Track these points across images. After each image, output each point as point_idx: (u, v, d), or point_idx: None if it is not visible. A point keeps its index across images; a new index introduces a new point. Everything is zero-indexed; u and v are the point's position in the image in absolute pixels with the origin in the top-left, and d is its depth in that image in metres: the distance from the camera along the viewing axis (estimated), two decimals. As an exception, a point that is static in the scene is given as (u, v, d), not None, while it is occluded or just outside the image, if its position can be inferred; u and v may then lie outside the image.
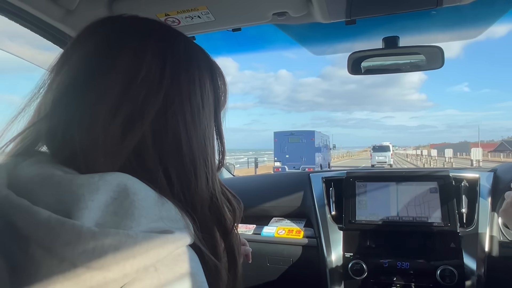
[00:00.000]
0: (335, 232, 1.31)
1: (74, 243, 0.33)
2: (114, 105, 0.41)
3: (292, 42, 1.31)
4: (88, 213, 0.35)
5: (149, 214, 0.38)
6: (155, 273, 0.35)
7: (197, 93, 0.47)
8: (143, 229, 0.37)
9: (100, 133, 0.40)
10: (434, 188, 1.26)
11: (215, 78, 0.52)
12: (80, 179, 0.37)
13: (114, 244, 0.33)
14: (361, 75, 1.28)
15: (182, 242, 0.39)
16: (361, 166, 24.12)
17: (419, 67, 1.23)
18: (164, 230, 0.38)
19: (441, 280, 1.14)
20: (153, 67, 0.44)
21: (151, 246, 0.35)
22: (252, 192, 1.63)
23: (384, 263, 1.22)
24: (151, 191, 0.40)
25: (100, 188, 0.36)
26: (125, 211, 0.36)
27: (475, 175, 1.30)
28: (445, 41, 1.37)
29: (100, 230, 0.34)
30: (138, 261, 0.34)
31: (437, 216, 1.21)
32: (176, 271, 0.37)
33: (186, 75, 0.46)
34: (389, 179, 1.33)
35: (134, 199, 0.37)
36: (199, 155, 0.46)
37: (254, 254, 1.39)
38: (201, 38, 1.22)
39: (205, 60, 0.51)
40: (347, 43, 1.32)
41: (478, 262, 1.13)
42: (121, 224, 0.36)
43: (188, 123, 0.45)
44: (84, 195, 0.35)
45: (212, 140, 0.49)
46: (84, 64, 0.44)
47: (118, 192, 0.37)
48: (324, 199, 1.40)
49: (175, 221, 0.41)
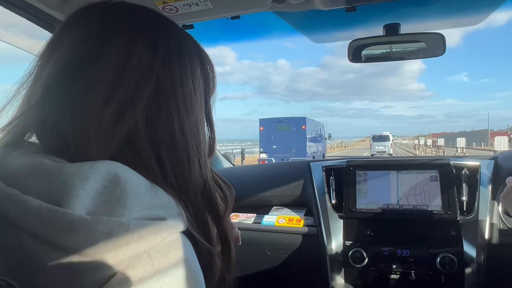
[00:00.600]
0: (335, 221, 1.31)
1: (66, 231, 0.33)
2: (106, 93, 0.41)
3: (291, 30, 1.30)
4: (79, 201, 0.35)
5: (141, 201, 0.38)
6: (148, 260, 0.36)
7: (189, 79, 0.47)
8: (135, 216, 0.37)
9: (92, 121, 0.40)
10: (435, 176, 1.26)
11: (205, 66, 0.52)
12: (70, 168, 0.37)
13: (106, 231, 0.34)
14: (361, 63, 1.27)
15: (175, 229, 0.39)
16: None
17: (420, 54, 1.22)
18: (157, 217, 0.38)
19: (441, 268, 1.14)
20: (144, 54, 0.43)
21: (143, 233, 0.35)
22: (252, 181, 1.63)
23: (384, 251, 1.22)
24: (142, 179, 0.40)
25: (90, 176, 0.36)
26: (116, 199, 0.36)
27: (476, 163, 1.30)
28: (446, 28, 1.36)
29: (92, 218, 0.34)
30: (131, 248, 0.34)
31: (437, 204, 1.21)
32: (169, 257, 0.37)
33: (177, 62, 0.46)
34: (390, 167, 1.33)
35: (126, 187, 0.37)
36: (192, 141, 0.46)
37: (255, 243, 1.42)
38: (199, 26, 1.21)
39: (195, 47, 0.51)
40: (348, 30, 1.31)
41: (478, 250, 1.14)
42: (113, 212, 0.36)
43: (181, 110, 0.45)
44: (75, 184, 0.35)
45: (203, 127, 0.50)
46: (74, 52, 0.43)
47: (109, 181, 0.37)
48: (324, 187, 1.40)
49: (168, 208, 0.41)
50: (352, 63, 1.26)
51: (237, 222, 1.47)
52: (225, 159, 2.08)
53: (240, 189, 1.59)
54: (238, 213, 1.51)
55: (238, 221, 1.47)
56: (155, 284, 0.35)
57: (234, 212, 1.52)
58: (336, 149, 54.40)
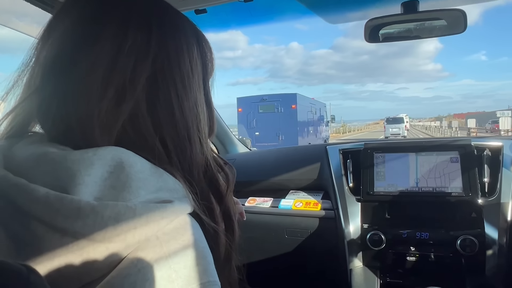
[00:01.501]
0: (352, 204, 1.31)
1: (74, 217, 0.34)
2: (104, 77, 0.41)
3: (305, 10, 1.27)
4: (85, 188, 0.35)
5: (146, 185, 0.39)
6: (157, 242, 0.36)
7: (186, 59, 0.47)
8: (142, 200, 0.37)
9: (94, 105, 0.40)
10: (455, 157, 1.23)
11: (202, 46, 0.52)
12: (74, 155, 0.37)
13: (113, 216, 0.34)
14: (378, 43, 1.24)
15: (181, 211, 0.40)
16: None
17: (440, 32, 1.18)
18: (163, 200, 0.39)
19: (461, 250, 1.13)
20: (139, 36, 0.43)
21: (151, 216, 0.36)
22: (269, 165, 1.63)
23: (403, 234, 1.21)
24: (147, 163, 0.40)
25: (94, 163, 0.37)
26: (122, 184, 0.37)
27: (499, 143, 1.26)
28: (467, 4, 1.30)
29: (99, 203, 0.34)
30: (139, 231, 0.35)
31: (458, 186, 1.19)
32: (178, 239, 0.38)
33: (173, 42, 0.46)
34: (408, 149, 1.30)
35: (131, 172, 0.38)
36: (192, 120, 0.47)
37: (272, 226, 1.43)
38: (212, 11, 1.19)
39: (191, 28, 0.51)
40: (363, 9, 1.27)
41: (500, 232, 1.11)
42: (120, 197, 0.36)
43: (179, 89, 0.45)
44: (80, 170, 0.36)
45: (203, 107, 0.50)
46: (68, 36, 0.43)
47: (113, 166, 0.37)
48: (341, 171, 1.39)
49: (174, 191, 0.41)
50: (366, 44, 1.23)
51: (254, 206, 1.48)
52: (242, 143, 2.08)
53: (257, 173, 1.60)
54: (255, 197, 1.52)
55: (255, 205, 1.48)
56: (165, 266, 0.36)
57: (251, 196, 1.53)
58: (343, 135, 43.69)
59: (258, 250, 1.45)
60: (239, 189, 1.54)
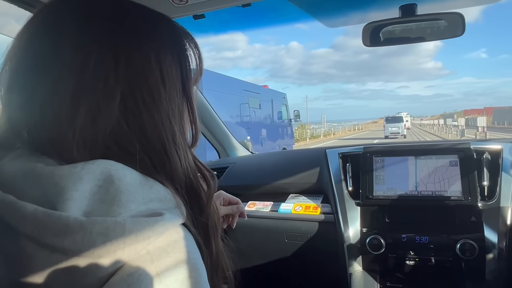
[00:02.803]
0: (352, 208, 1.30)
1: (62, 234, 0.34)
2: (73, 96, 0.40)
3: (304, 14, 1.27)
4: (74, 203, 0.35)
5: (136, 198, 0.38)
6: (147, 256, 0.36)
7: (154, 71, 0.44)
8: (132, 213, 0.37)
9: (65, 124, 0.39)
10: (455, 161, 1.22)
11: (181, 51, 0.49)
12: (62, 170, 0.37)
13: (103, 231, 0.34)
14: (377, 46, 1.24)
15: (172, 223, 0.39)
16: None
17: (438, 35, 1.18)
18: (154, 212, 0.38)
19: (461, 254, 1.12)
20: (105, 49, 0.41)
21: (141, 231, 0.36)
22: (269, 169, 1.63)
23: (403, 238, 1.21)
24: (136, 175, 0.40)
25: (83, 177, 0.36)
26: (112, 198, 0.37)
27: (498, 146, 1.25)
28: (465, 6, 1.30)
29: (87, 219, 0.34)
30: (129, 246, 0.35)
31: (457, 190, 1.19)
32: (169, 253, 0.38)
33: (138, 53, 0.44)
34: (408, 153, 1.30)
35: (120, 185, 0.37)
36: (166, 133, 0.45)
37: (272, 230, 1.43)
38: (210, 15, 1.19)
39: (167, 31, 0.48)
40: (362, 13, 1.27)
41: (499, 236, 1.11)
42: (110, 211, 0.36)
43: (147, 102, 0.43)
44: (68, 186, 0.36)
45: (179, 117, 0.47)
46: (29, 51, 0.42)
47: (103, 180, 0.37)
48: (340, 175, 1.39)
49: (165, 201, 0.41)
50: (366, 45, 1.23)
51: (254, 210, 1.48)
52: (243, 146, 2.08)
53: (257, 177, 1.60)
54: (255, 201, 1.52)
55: (255, 209, 1.48)
56: (156, 281, 0.36)
57: (251, 200, 1.53)
58: (310, 141, 30.52)
59: (258, 254, 1.45)
60: (239, 193, 1.55)
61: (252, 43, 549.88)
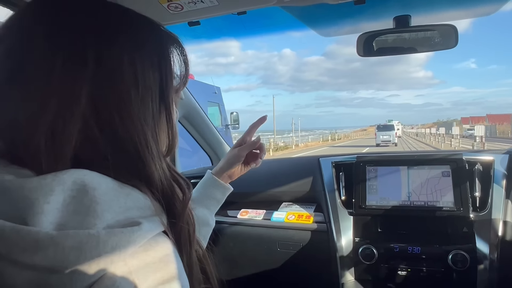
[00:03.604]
0: (345, 217, 1.30)
1: (32, 250, 0.32)
2: (42, 99, 0.39)
3: (298, 24, 1.27)
4: (45, 216, 0.34)
5: (113, 207, 0.37)
6: (125, 268, 0.35)
7: (127, 72, 0.43)
8: (109, 223, 0.36)
9: (33, 131, 0.38)
10: (447, 172, 1.23)
11: (163, 56, 0.47)
12: (31, 182, 0.35)
13: (75, 245, 0.33)
14: (370, 56, 1.24)
15: (151, 233, 0.38)
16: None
17: (431, 47, 1.19)
18: (132, 221, 0.37)
19: (453, 265, 1.13)
20: (73, 53, 0.40)
21: (116, 242, 0.34)
22: (262, 177, 1.62)
23: (395, 248, 1.21)
24: (112, 183, 0.39)
25: (54, 189, 0.35)
26: (86, 209, 0.35)
27: (490, 157, 1.27)
28: (458, 19, 1.32)
29: (58, 233, 0.33)
30: (104, 258, 0.33)
31: (449, 201, 1.19)
32: (147, 261, 0.36)
33: (109, 56, 0.42)
34: (400, 163, 1.30)
35: (95, 195, 0.36)
36: (139, 137, 0.43)
37: (265, 239, 1.42)
38: (205, 23, 1.19)
39: (148, 35, 0.46)
40: (356, 23, 1.28)
41: (491, 247, 1.11)
42: (84, 223, 0.35)
43: (119, 106, 0.42)
44: (38, 199, 0.34)
45: (153, 123, 0.45)
46: (2, 52, 0.41)
47: (76, 190, 0.36)
48: (334, 184, 1.39)
49: (144, 209, 0.40)
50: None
51: (247, 219, 1.47)
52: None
53: (250, 185, 1.59)
54: (248, 210, 1.51)
55: (248, 218, 1.47)
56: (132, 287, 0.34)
57: (244, 208, 1.52)
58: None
59: (250, 263, 1.44)
60: (232, 200, 1.53)
61: (245, 50, 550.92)
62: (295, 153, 22.01)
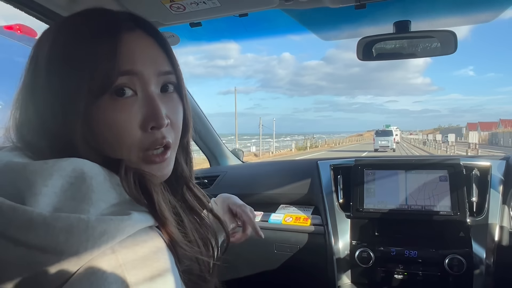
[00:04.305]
0: (342, 220, 1.30)
1: (25, 228, 0.34)
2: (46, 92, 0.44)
3: (299, 27, 1.28)
4: (42, 198, 0.36)
5: (108, 198, 0.39)
6: (112, 255, 0.36)
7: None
8: (102, 212, 0.37)
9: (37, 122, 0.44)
10: (444, 176, 1.24)
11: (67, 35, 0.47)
12: (33, 166, 0.38)
13: (65, 228, 0.34)
14: (370, 60, 1.25)
15: (140, 224, 0.39)
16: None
17: (431, 52, 1.20)
18: (123, 212, 0.38)
19: (449, 269, 1.13)
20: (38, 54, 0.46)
21: (105, 229, 0.35)
22: (260, 179, 1.63)
23: (392, 251, 1.21)
24: (109, 175, 0.41)
25: (53, 173, 0.37)
26: (82, 196, 0.37)
27: (487, 163, 1.27)
28: (458, 25, 1.33)
29: (51, 215, 0.35)
30: (91, 243, 0.35)
31: (447, 205, 1.20)
32: (136, 250, 0.37)
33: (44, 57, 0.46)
34: (398, 167, 1.31)
35: (92, 183, 0.38)
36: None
37: (261, 241, 1.40)
38: (207, 24, 1.20)
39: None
40: (357, 28, 1.29)
41: (487, 252, 1.12)
42: (78, 209, 0.36)
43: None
44: (37, 181, 0.36)
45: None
46: (34, 62, 0.47)
47: (74, 177, 0.38)
48: (332, 186, 1.39)
49: (137, 205, 0.41)
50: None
51: (244, 220, 1.46)
52: (234, 155, 2.07)
53: (248, 186, 1.59)
54: (245, 211, 1.51)
55: (245, 219, 1.47)
56: (120, 277, 0.35)
57: (241, 209, 1.52)
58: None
59: (246, 265, 1.44)
60: (229, 201, 1.53)
61: (244, 53, 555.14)
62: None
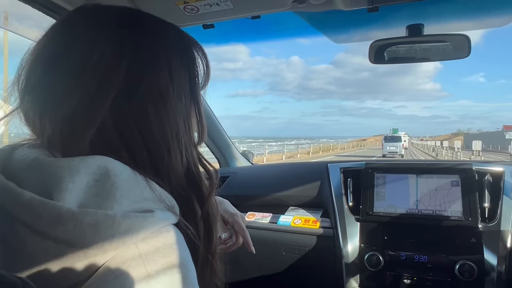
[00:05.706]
0: (351, 223, 1.30)
1: (55, 222, 0.35)
2: (66, 93, 0.42)
3: (312, 30, 1.29)
4: (69, 194, 0.37)
5: (130, 195, 0.40)
6: (136, 250, 0.37)
7: (164, 72, 0.47)
8: (125, 209, 0.38)
9: (59, 119, 0.42)
10: (456, 181, 1.23)
11: (189, 57, 0.52)
12: (61, 162, 0.39)
13: (92, 223, 0.35)
14: (382, 64, 1.25)
15: (163, 222, 0.40)
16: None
17: (444, 56, 1.19)
18: (146, 210, 0.40)
19: (459, 275, 1.12)
20: (107, 52, 0.44)
21: (130, 225, 0.37)
22: (270, 181, 1.63)
23: (401, 256, 1.20)
24: (133, 173, 0.42)
25: (80, 170, 0.38)
26: (106, 193, 0.38)
27: (500, 169, 1.26)
28: (471, 29, 1.32)
29: (79, 210, 0.36)
30: (117, 239, 0.36)
31: (458, 210, 1.19)
32: (157, 247, 0.38)
33: (148, 56, 0.46)
34: (409, 171, 1.30)
35: (116, 181, 0.39)
36: (171, 130, 0.47)
37: (270, 242, 1.42)
38: (220, 26, 1.21)
39: (175, 38, 0.51)
40: (369, 31, 1.29)
41: (499, 259, 1.10)
42: (103, 205, 0.37)
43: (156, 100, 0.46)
44: (65, 177, 0.37)
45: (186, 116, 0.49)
46: (43, 56, 0.45)
47: (99, 174, 0.39)
48: (341, 189, 1.39)
49: (159, 202, 0.42)
50: (367, 61, 1.24)
51: (253, 221, 1.47)
52: (244, 157, 2.08)
53: (257, 188, 1.60)
54: (255, 212, 1.51)
55: (254, 220, 1.48)
56: (143, 273, 0.36)
57: (250, 211, 1.53)
58: None
59: (255, 266, 1.44)
60: (239, 203, 1.54)
61: (253, 56, 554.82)
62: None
